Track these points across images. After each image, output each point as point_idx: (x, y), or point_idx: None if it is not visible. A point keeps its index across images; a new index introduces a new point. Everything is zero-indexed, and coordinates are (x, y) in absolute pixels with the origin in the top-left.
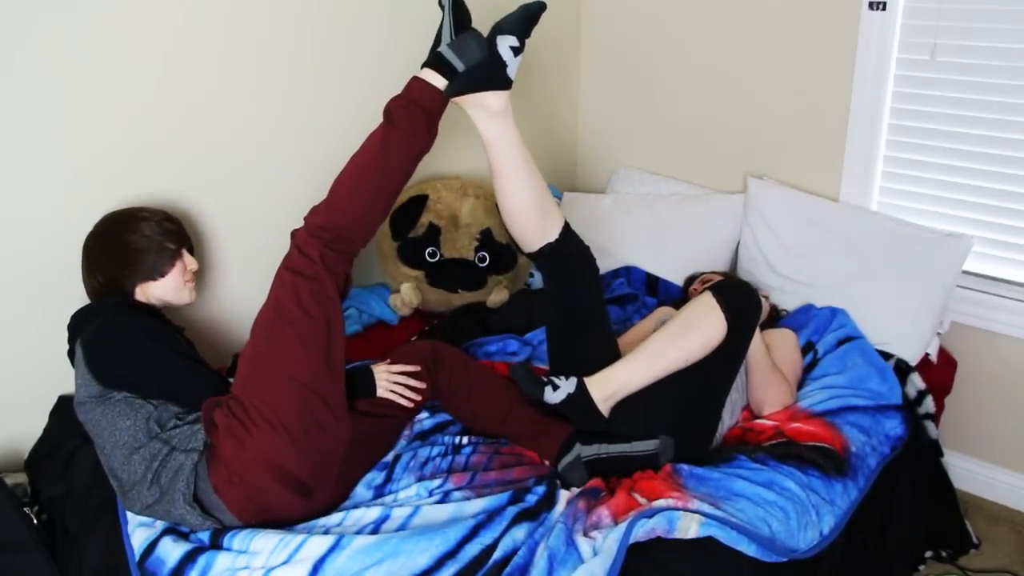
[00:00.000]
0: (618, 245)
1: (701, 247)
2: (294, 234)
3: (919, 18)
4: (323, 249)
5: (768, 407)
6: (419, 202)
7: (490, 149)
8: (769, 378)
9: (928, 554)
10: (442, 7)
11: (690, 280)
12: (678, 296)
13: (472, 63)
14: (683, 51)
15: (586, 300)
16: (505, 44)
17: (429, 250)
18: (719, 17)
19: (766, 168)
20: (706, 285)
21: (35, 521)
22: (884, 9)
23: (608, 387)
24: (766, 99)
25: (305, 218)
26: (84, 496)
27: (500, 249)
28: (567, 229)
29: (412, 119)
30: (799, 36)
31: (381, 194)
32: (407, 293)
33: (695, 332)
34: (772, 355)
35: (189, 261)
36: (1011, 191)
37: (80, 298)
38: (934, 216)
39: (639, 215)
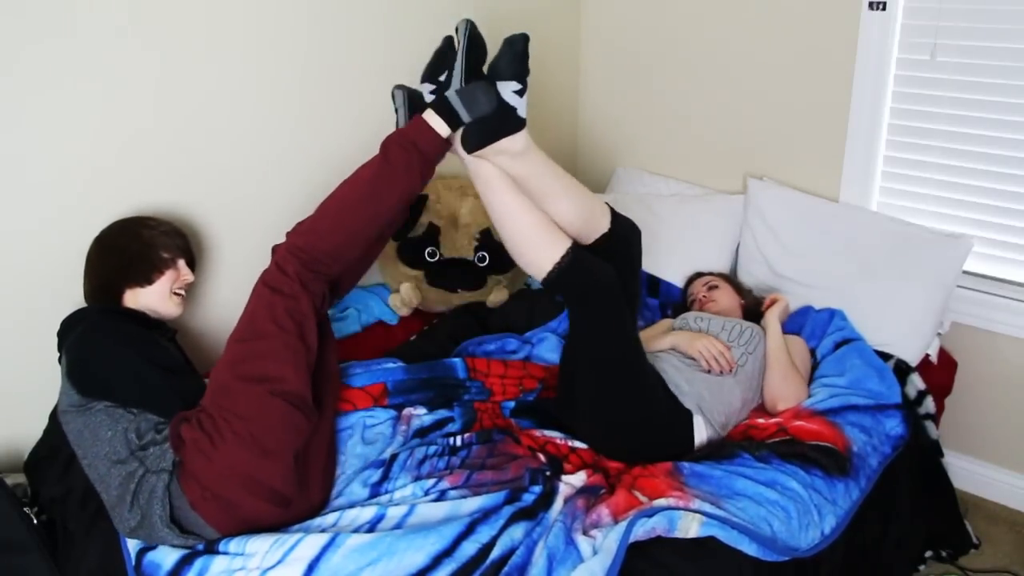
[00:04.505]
0: None
1: (701, 247)
2: (274, 249)
3: (919, 18)
4: (300, 268)
5: (783, 402)
6: (419, 202)
7: (524, 184)
8: (788, 372)
9: (928, 554)
10: (455, 44)
11: (691, 279)
12: (678, 297)
13: (479, 115)
14: (683, 51)
15: (636, 271)
16: (508, 90)
17: (429, 250)
18: (719, 17)
19: (766, 168)
20: (711, 290)
21: (35, 521)
22: (884, 9)
23: None
24: (766, 99)
25: (287, 234)
26: (82, 499)
27: (499, 249)
28: (613, 211)
29: (409, 162)
30: (799, 36)
31: (364, 229)
32: (407, 293)
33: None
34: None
35: (184, 272)
36: (1011, 191)
37: (79, 301)
38: (934, 216)
39: (639, 215)
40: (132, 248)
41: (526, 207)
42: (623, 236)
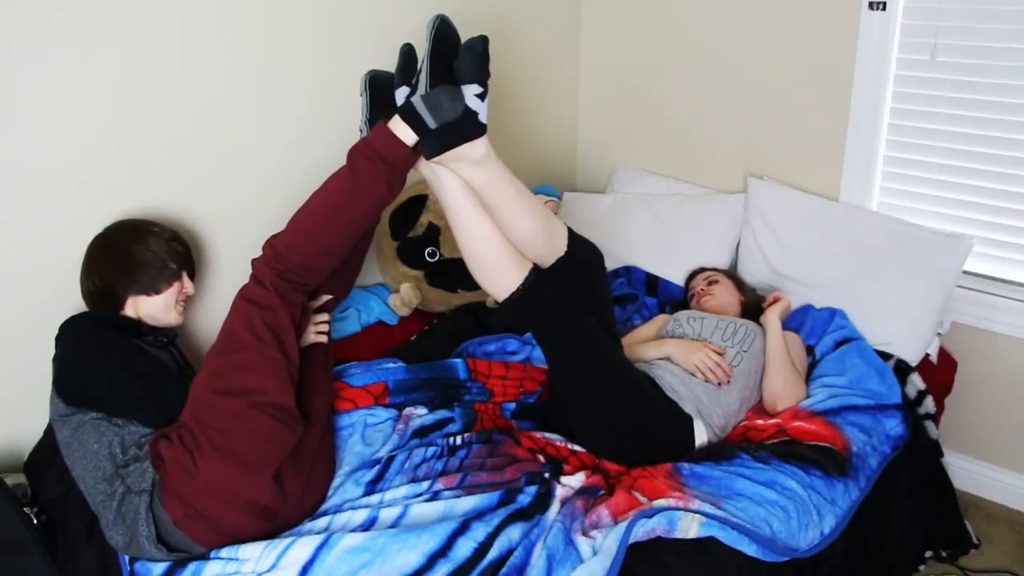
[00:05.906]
0: (618, 245)
1: (701, 247)
2: (254, 263)
3: (919, 18)
4: (276, 279)
5: (783, 403)
6: (419, 202)
7: (483, 195)
8: (788, 373)
9: (928, 554)
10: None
11: (693, 274)
12: (678, 296)
13: (445, 121)
14: (683, 51)
15: (602, 298)
16: (470, 94)
17: (429, 250)
18: (719, 17)
19: (766, 168)
20: (711, 284)
21: (35, 521)
22: (884, 9)
23: None
24: (766, 99)
25: (263, 246)
26: (81, 500)
27: None
28: (571, 232)
29: (376, 174)
30: (799, 36)
31: (336, 242)
32: (407, 293)
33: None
34: None
35: (187, 285)
36: (1011, 191)
37: (79, 300)
38: (934, 216)
39: (639, 215)
40: (141, 256)
41: (489, 225)
42: (582, 259)
